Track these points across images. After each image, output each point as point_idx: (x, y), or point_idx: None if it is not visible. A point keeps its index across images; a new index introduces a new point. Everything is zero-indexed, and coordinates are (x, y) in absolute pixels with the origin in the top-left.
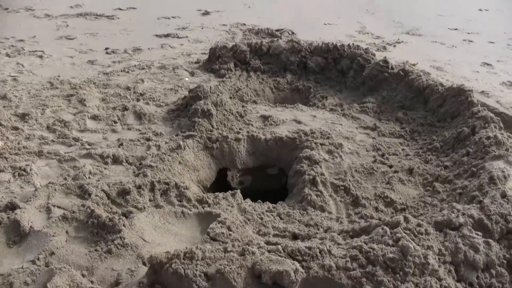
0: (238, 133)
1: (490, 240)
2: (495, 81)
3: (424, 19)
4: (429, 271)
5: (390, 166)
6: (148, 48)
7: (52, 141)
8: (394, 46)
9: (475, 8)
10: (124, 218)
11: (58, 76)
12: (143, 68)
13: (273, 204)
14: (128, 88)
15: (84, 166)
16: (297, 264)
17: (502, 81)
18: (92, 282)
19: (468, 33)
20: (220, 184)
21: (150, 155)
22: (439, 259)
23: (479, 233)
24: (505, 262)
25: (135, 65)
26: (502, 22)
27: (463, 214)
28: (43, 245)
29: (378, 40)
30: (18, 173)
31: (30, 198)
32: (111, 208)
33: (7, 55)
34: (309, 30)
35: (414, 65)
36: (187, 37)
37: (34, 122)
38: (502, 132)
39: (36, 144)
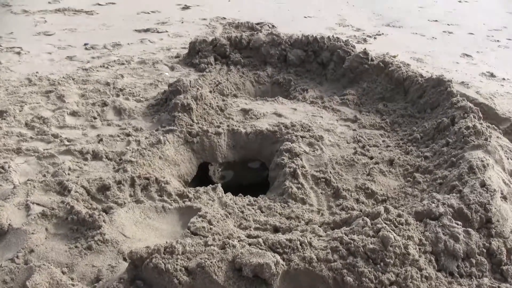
0: (219, 127)
1: (470, 229)
2: (475, 72)
3: (404, 11)
4: (409, 261)
5: (371, 158)
6: (128, 43)
7: (31, 138)
8: (375, 38)
9: (455, 0)
10: (104, 214)
11: (37, 72)
12: (123, 64)
13: (254, 198)
14: (107, 84)
15: (63, 163)
16: (278, 257)
17: (481, 71)
18: (72, 279)
19: (448, 24)
20: (201, 179)
21: (130, 150)
22: (419, 249)
23: (459, 223)
24: (484, 251)
25: (114, 61)
26: (482, 13)
27: (443, 204)
28: (22, 243)
29: (359, 33)
30: None
31: (9, 195)
32: (91, 204)
33: None
34: (289, 23)
35: (394, 57)
36: (166, 31)
37: (12, 119)
38: (481, 122)
39: (15, 141)
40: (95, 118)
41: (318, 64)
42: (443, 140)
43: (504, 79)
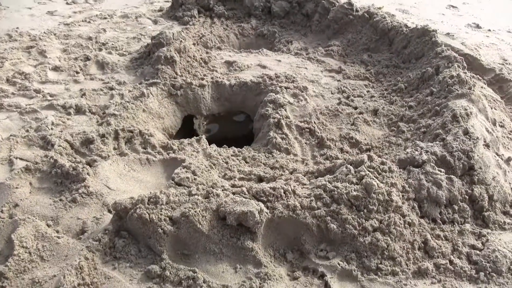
0: (203, 79)
1: (452, 176)
2: (461, 23)
3: None
4: (393, 208)
5: (355, 108)
6: None
7: (13, 93)
8: None
9: None
10: (88, 167)
11: (17, 28)
12: (105, 18)
13: (239, 149)
14: (90, 38)
15: (46, 118)
16: (262, 205)
17: (467, 23)
18: (57, 231)
19: None
20: (187, 132)
21: (114, 104)
22: (402, 196)
23: (442, 170)
24: (467, 197)
25: (96, 15)
26: None
27: (426, 151)
28: (6, 197)
29: None
30: None
31: None
32: (74, 158)
33: None
34: None
35: (379, 8)
36: None
37: None
38: (465, 71)
39: None
40: (77, 72)
41: (302, 16)
42: (427, 89)
43: (489, 30)
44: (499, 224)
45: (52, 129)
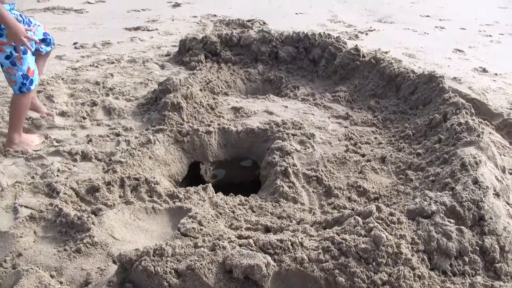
0: (209, 125)
1: (462, 227)
2: (467, 67)
3: (396, 7)
4: (402, 261)
5: (363, 155)
6: (118, 42)
7: None
8: (366, 34)
9: None
10: (93, 216)
11: None
12: (113, 62)
13: (245, 197)
14: (97, 83)
15: (52, 164)
16: (269, 258)
17: (473, 67)
18: (61, 282)
19: (440, 19)
20: (193, 177)
21: (120, 150)
22: (412, 248)
23: (452, 221)
24: (477, 248)
25: (104, 59)
26: (473, 8)
27: (436, 201)
28: (10, 246)
29: (350, 29)
30: None
31: None
32: (80, 206)
33: None
34: (280, 20)
35: (386, 53)
36: (157, 29)
37: (1, 120)
38: (474, 118)
39: (2, 143)
40: (84, 118)
41: (309, 61)
42: (435, 136)
43: (496, 74)
44: (511, 276)
45: (57, 176)
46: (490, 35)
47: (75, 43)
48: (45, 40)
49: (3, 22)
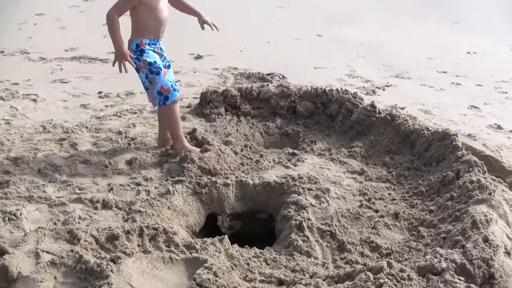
0: (227, 178)
1: (472, 285)
2: (482, 124)
3: (413, 62)
4: None
5: (376, 211)
6: (141, 92)
7: (43, 185)
8: (384, 89)
9: (463, 51)
10: (112, 263)
11: (51, 120)
12: (135, 113)
13: (260, 250)
14: (119, 133)
15: (74, 211)
16: None
17: (489, 123)
18: None
19: (457, 76)
20: (209, 228)
21: (140, 200)
22: None
23: (462, 278)
24: None
25: (127, 109)
26: (490, 65)
27: (446, 259)
28: None
29: (368, 84)
30: (8, 218)
31: (19, 243)
32: (99, 253)
33: (1, 98)
34: (299, 74)
35: (402, 108)
36: (179, 81)
37: (26, 166)
38: (486, 176)
39: (27, 188)
40: (106, 167)
41: (326, 116)
42: (448, 194)
43: (511, 131)
44: None
45: (79, 223)
46: (505, 92)
47: (99, 93)
48: None
49: (113, 43)
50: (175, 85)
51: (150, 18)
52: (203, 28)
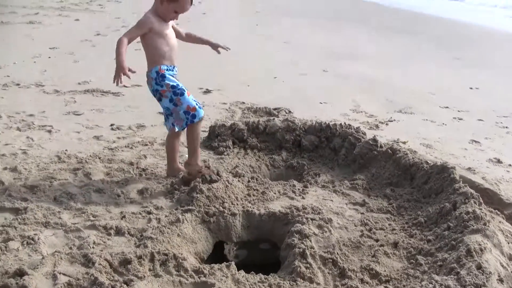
0: (234, 208)
1: None
2: (482, 158)
3: (416, 97)
4: None
5: (377, 240)
6: (152, 125)
7: (59, 212)
8: (387, 124)
9: (466, 86)
10: (125, 285)
11: (66, 150)
12: (146, 144)
13: (265, 276)
14: (131, 164)
15: (88, 237)
16: None
17: (489, 158)
18: None
19: (459, 111)
20: (216, 257)
21: (151, 227)
22: None
23: None
24: None
25: (138, 141)
26: (492, 100)
27: (441, 284)
28: None
29: (371, 119)
30: (27, 242)
31: (37, 265)
32: (113, 276)
33: (18, 129)
34: (305, 109)
35: (404, 143)
36: None
37: (42, 194)
38: (481, 207)
39: (44, 215)
40: (118, 196)
41: (330, 150)
42: (445, 224)
43: (510, 165)
44: None
45: (93, 247)
46: (506, 127)
47: (112, 125)
48: None
49: (115, 58)
50: (199, 103)
51: (162, 44)
52: (219, 52)
